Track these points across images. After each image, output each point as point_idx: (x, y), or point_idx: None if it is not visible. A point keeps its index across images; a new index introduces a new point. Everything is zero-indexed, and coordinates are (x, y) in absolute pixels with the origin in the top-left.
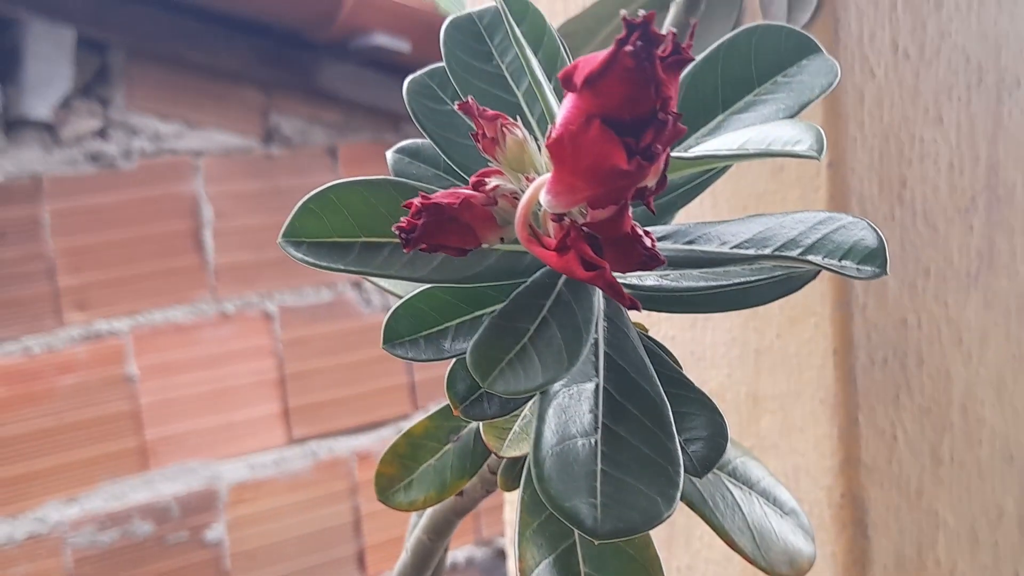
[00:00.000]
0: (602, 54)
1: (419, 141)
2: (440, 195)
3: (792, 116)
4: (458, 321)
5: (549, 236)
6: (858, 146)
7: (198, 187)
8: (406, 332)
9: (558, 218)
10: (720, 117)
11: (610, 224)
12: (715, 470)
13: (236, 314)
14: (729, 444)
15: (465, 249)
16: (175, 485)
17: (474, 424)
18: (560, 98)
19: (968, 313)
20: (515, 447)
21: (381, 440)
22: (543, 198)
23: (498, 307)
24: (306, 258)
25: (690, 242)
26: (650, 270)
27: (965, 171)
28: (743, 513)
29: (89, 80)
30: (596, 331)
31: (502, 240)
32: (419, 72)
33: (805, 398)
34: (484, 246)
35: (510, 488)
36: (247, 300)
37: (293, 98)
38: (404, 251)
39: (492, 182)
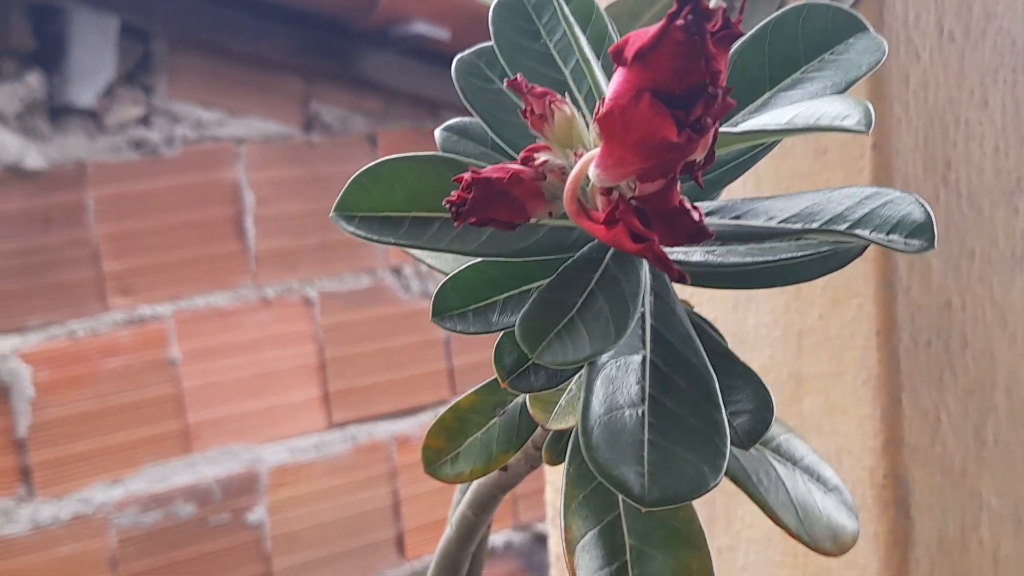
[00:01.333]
0: (653, 28)
1: (466, 119)
2: (490, 170)
3: (839, 93)
4: (506, 295)
5: (597, 211)
6: (903, 128)
7: (239, 174)
8: (455, 305)
9: (607, 192)
10: (768, 94)
11: (659, 197)
12: (759, 446)
13: (277, 299)
14: (774, 420)
15: (514, 223)
16: (217, 468)
17: (520, 398)
18: (608, 77)
19: (1013, 295)
20: (561, 420)
21: (420, 425)
22: (592, 172)
23: (546, 281)
24: (358, 231)
25: (737, 217)
26: (698, 243)
27: (1011, 154)
28: (787, 489)
29: (132, 68)
30: (643, 304)
31: (550, 215)
32: (467, 51)
33: (848, 379)
34: (533, 220)
35: (555, 462)
36: (288, 286)
37: (334, 86)
38: (454, 225)
39: (541, 157)
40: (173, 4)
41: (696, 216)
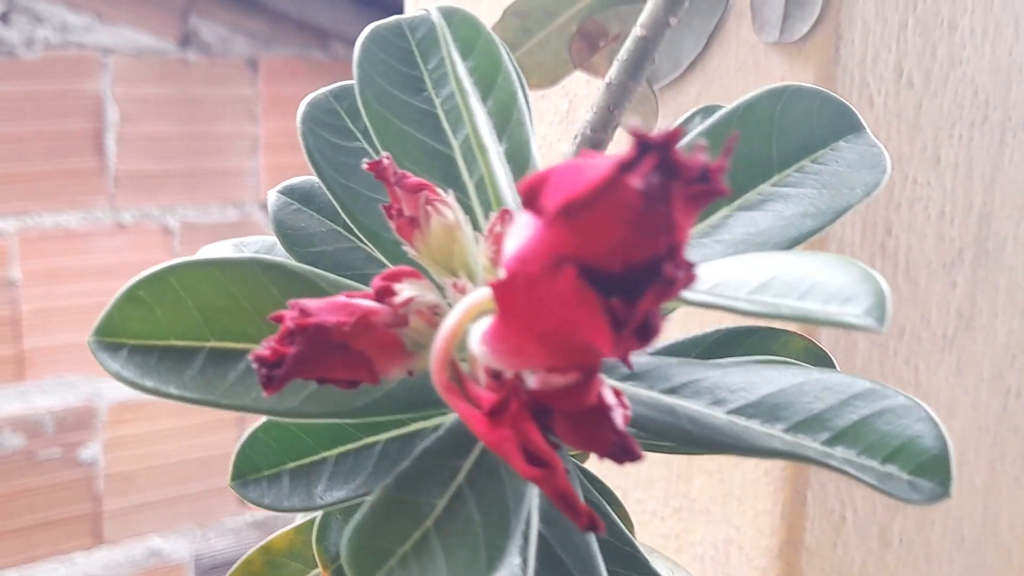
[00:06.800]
0: (593, 173)
1: (314, 180)
2: (326, 308)
3: (824, 226)
4: (340, 451)
5: (480, 385)
6: None
7: (104, 86)
8: (265, 465)
9: (495, 374)
10: (724, 211)
11: (570, 395)
12: None
13: (133, 225)
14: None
15: (356, 382)
16: (51, 399)
17: None
18: (512, 167)
19: (938, 379)
20: None
21: None
22: (477, 344)
23: (395, 434)
24: (122, 372)
25: (671, 391)
26: (620, 464)
27: (956, 219)
28: None
29: None
30: (531, 501)
31: (410, 373)
32: (322, 90)
33: (747, 465)
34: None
35: None
36: (146, 211)
37: (216, 1)
38: (264, 394)
39: (404, 291)
40: None
41: (620, 421)
